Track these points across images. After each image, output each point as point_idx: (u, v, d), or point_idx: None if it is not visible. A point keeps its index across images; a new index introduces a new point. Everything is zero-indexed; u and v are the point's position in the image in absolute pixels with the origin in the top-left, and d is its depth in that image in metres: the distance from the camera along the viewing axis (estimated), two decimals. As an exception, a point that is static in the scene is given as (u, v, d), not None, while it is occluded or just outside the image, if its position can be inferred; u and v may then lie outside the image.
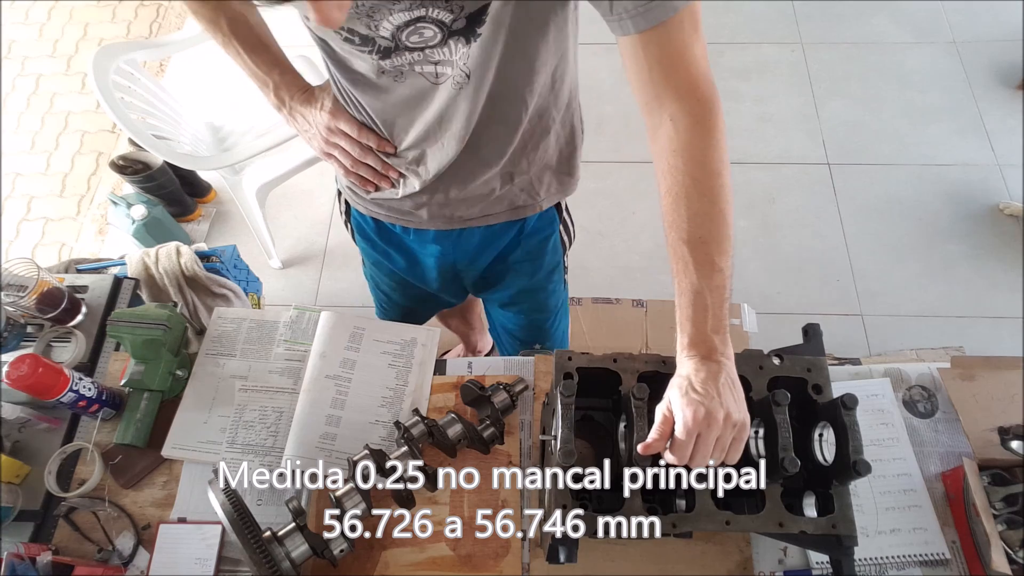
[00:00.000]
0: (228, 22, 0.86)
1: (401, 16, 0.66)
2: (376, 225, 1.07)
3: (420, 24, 0.67)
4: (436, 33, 0.69)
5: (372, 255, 1.15)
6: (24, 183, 2.56)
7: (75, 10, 3.04)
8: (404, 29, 0.68)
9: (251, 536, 0.74)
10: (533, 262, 1.11)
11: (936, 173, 2.41)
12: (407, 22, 0.67)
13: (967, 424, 0.97)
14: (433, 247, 1.06)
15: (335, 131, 0.90)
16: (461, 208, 0.97)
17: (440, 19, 0.66)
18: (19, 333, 1.08)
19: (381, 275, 1.21)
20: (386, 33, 0.69)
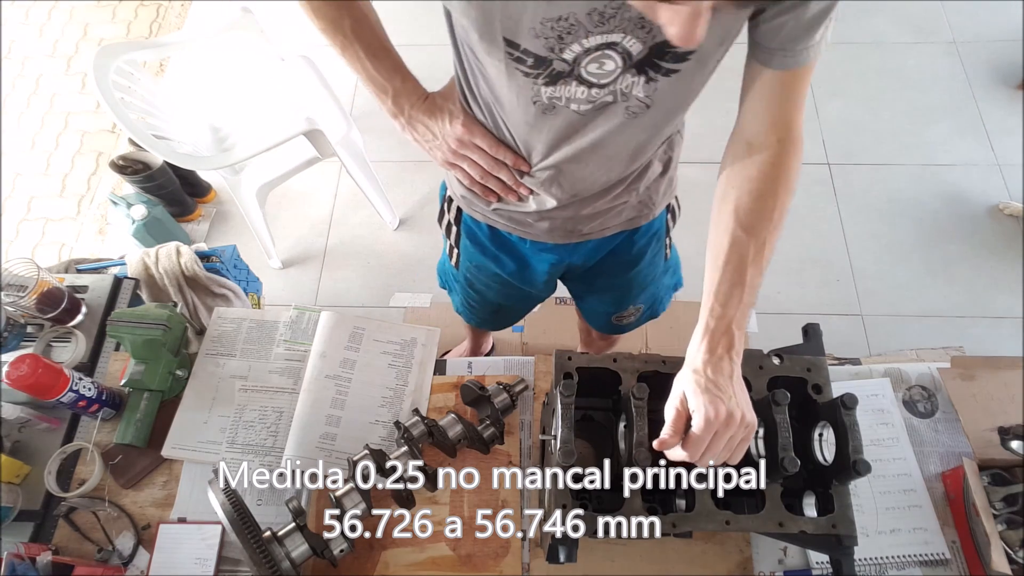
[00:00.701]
0: (352, 23, 0.81)
1: (595, 40, 0.64)
2: (491, 232, 1.05)
3: (608, 51, 0.65)
4: (616, 67, 0.67)
5: (478, 258, 1.11)
6: (24, 183, 2.56)
7: (75, 10, 3.04)
8: (589, 54, 0.65)
9: (251, 536, 0.74)
10: (641, 256, 1.11)
11: (936, 173, 2.41)
12: (598, 46, 0.64)
13: (967, 424, 0.97)
14: (549, 255, 1.05)
15: (468, 144, 0.85)
16: (583, 223, 0.97)
17: (629, 48, 0.65)
18: (19, 333, 1.08)
19: (482, 275, 1.16)
20: (569, 57, 0.66)
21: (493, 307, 1.28)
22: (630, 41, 0.64)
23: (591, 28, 0.62)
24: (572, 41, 0.64)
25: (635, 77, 0.69)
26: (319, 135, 1.79)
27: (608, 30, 0.62)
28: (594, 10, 0.60)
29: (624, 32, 0.63)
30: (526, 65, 0.67)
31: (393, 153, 2.47)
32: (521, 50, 0.66)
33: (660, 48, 0.66)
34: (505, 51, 0.66)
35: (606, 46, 0.65)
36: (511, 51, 0.66)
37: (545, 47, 0.65)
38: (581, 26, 0.62)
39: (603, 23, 0.61)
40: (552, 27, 0.62)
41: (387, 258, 2.29)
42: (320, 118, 1.81)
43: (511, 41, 0.65)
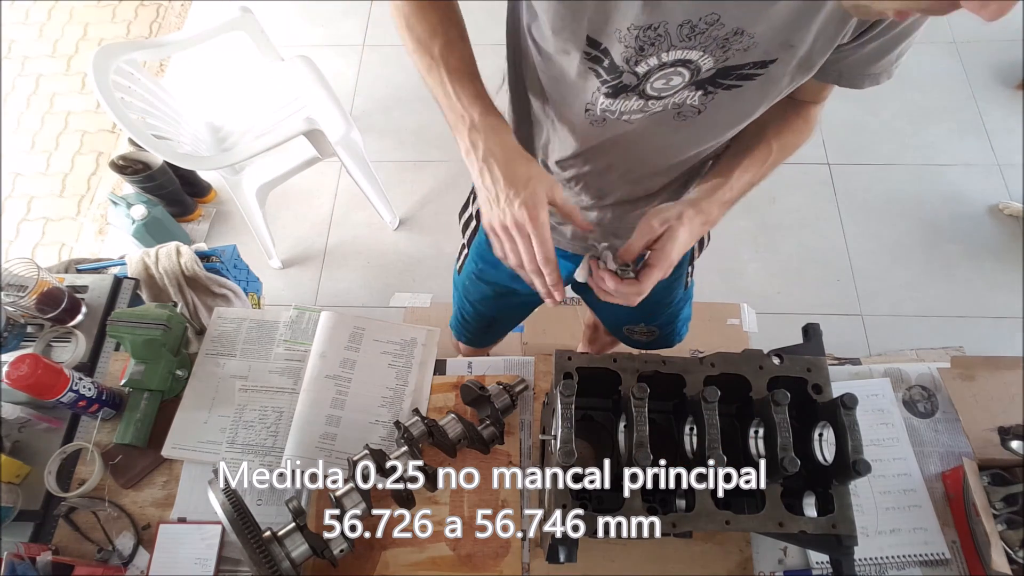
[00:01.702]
0: (443, 45, 0.74)
1: (674, 55, 0.62)
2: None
3: (680, 67, 0.64)
4: (682, 82, 0.66)
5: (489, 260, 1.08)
6: (24, 183, 2.56)
7: (75, 10, 3.04)
8: (663, 69, 0.64)
9: (251, 536, 0.74)
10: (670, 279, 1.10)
11: (936, 173, 2.42)
12: (674, 62, 0.64)
13: (967, 424, 0.97)
14: (565, 263, 1.04)
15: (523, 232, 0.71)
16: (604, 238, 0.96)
17: (701, 66, 0.64)
18: (19, 333, 1.08)
19: (480, 284, 1.14)
20: (641, 71, 0.64)
21: (486, 321, 1.27)
22: (706, 60, 0.63)
23: (676, 42, 0.61)
24: (651, 54, 0.62)
25: (694, 92, 0.69)
26: (319, 135, 1.79)
27: (691, 46, 0.62)
28: (687, 22, 0.59)
29: (704, 50, 0.62)
30: (601, 66, 0.65)
31: (393, 153, 2.47)
32: (601, 49, 0.64)
33: (727, 70, 0.65)
34: (584, 50, 0.64)
35: (681, 63, 0.64)
36: (590, 50, 0.64)
37: (622, 56, 0.63)
38: (667, 38, 0.61)
39: (691, 38, 0.61)
40: (638, 36, 0.60)
41: (387, 258, 2.29)
42: (320, 118, 1.81)
43: (594, 40, 0.63)
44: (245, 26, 1.91)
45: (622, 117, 0.72)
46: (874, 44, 0.66)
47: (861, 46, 0.66)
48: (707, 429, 0.73)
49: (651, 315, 1.23)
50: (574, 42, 0.64)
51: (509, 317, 1.31)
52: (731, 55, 0.63)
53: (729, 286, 2.19)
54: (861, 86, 0.73)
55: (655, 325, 1.26)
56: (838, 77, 0.72)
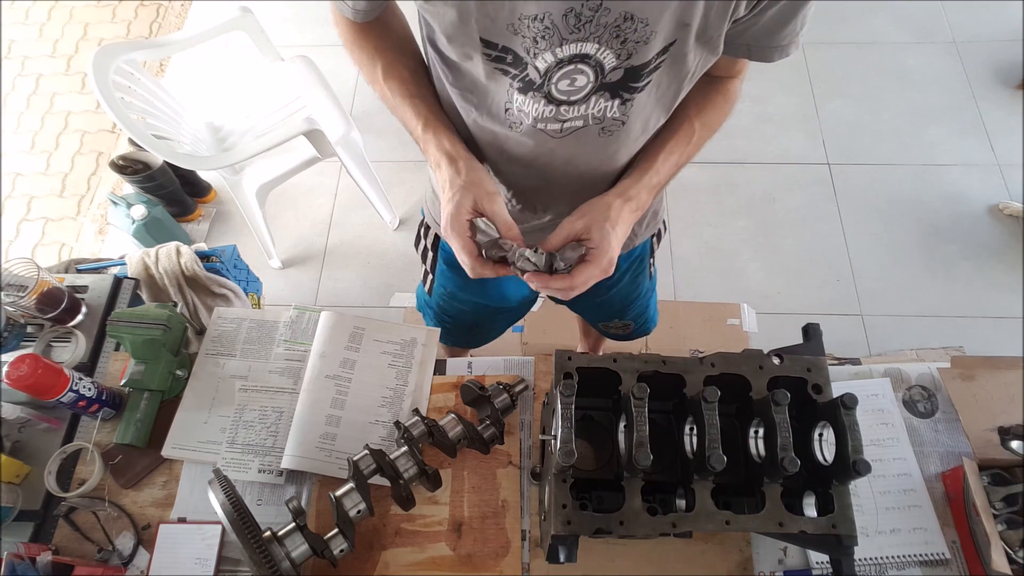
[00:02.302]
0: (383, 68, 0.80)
1: (569, 48, 0.63)
2: None
3: (580, 64, 0.65)
4: (588, 82, 0.67)
5: (455, 283, 1.12)
6: (24, 183, 2.56)
7: (75, 10, 3.04)
8: (561, 67, 0.65)
9: (251, 536, 0.74)
10: (620, 279, 1.13)
11: (936, 173, 2.42)
12: (571, 57, 0.64)
13: (967, 424, 0.97)
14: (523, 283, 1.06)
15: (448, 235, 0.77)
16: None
17: (602, 61, 0.64)
18: (19, 333, 1.08)
19: (455, 302, 1.17)
20: (541, 66, 0.65)
21: (468, 327, 1.29)
22: (604, 53, 0.63)
23: (566, 34, 0.61)
24: (546, 48, 0.63)
25: (608, 101, 0.69)
26: (319, 135, 1.79)
27: (583, 37, 0.62)
28: (571, 11, 0.59)
29: (599, 42, 0.62)
30: (505, 63, 0.66)
31: (393, 153, 2.47)
32: (500, 48, 0.65)
33: (636, 71, 0.65)
34: (483, 52, 0.65)
35: (579, 58, 0.64)
36: (488, 51, 0.65)
37: (522, 46, 0.64)
38: (556, 30, 0.61)
39: (579, 28, 0.61)
40: (528, 25, 0.61)
41: (387, 258, 2.29)
42: (320, 118, 1.81)
43: (488, 41, 0.64)
44: (245, 26, 1.91)
45: (537, 125, 0.72)
46: (772, 12, 0.66)
47: (759, 15, 0.66)
48: (707, 429, 0.73)
49: (623, 310, 1.27)
50: (471, 46, 0.65)
51: (490, 325, 1.33)
52: (632, 49, 0.63)
53: (729, 286, 2.19)
54: (772, 59, 0.73)
55: (628, 319, 1.30)
56: (747, 51, 0.72)
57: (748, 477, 0.80)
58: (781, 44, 0.70)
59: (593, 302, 1.23)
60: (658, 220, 1.09)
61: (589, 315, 1.33)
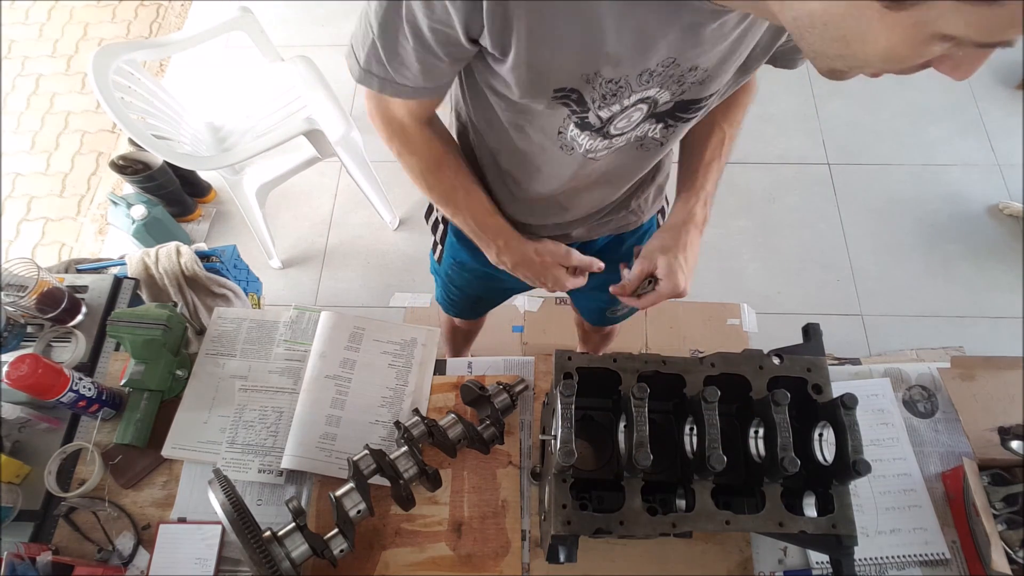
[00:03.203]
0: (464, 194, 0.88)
1: (635, 97, 0.65)
2: None
3: (640, 105, 0.66)
4: (642, 116, 0.69)
5: (463, 254, 1.12)
6: (24, 183, 2.56)
7: (75, 10, 3.04)
8: (624, 112, 0.67)
9: (251, 536, 0.74)
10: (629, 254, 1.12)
11: (936, 173, 2.42)
12: (636, 102, 0.66)
13: (967, 424, 0.97)
14: None
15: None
16: (571, 229, 1.00)
17: (657, 99, 0.67)
18: (19, 333, 1.08)
19: (464, 272, 1.18)
20: (604, 115, 0.67)
21: (472, 299, 1.32)
22: (663, 94, 0.66)
23: (636, 88, 0.63)
24: (615, 102, 0.65)
25: (654, 124, 0.72)
26: (319, 135, 1.79)
27: (650, 87, 0.64)
28: (646, 71, 0.61)
29: (660, 87, 0.65)
30: (570, 99, 0.66)
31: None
32: (568, 90, 0.64)
33: (685, 104, 0.68)
34: (551, 97, 0.65)
35: (641, 100, 0.66)
36: (557, 94, 0.65)
37: (590, 96, 0.65)
38: (628, 86, 0.63)
39: (649, 82, 0.63)
40: (603, 84, 0.62)
41: (387, 258, 2.29)
42: (320, 118, 1.81)
43: (559, 89, 0.64)
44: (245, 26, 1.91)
45: (588, 154, 0.75)
46: None
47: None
48: (707, 429, 0.73)
49: None
50: (544, 95, 0.65)
51: (493, 295, 1.35)
52: (687, 88, 0.66)
53: (729, 286, 2.19)
54: (795, 66, 0.79)
55: None
56: (773, 61, 0.75)
57: (748, 477, 0.80)
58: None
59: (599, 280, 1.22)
60: (662, 196, 1.11)
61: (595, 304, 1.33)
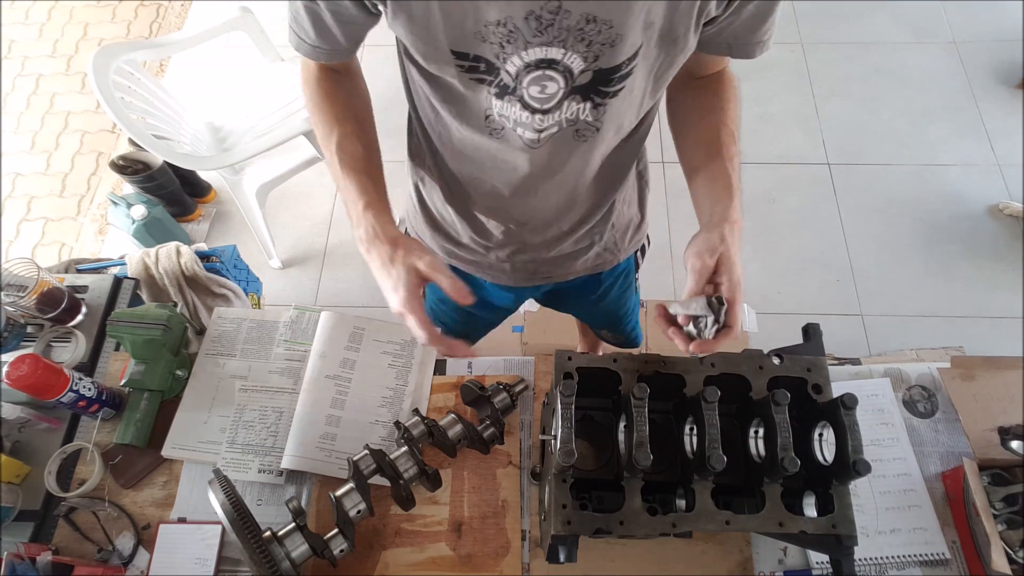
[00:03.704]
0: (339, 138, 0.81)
1: (534, 52, 0.62)
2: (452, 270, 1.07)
3: (548, 71, 0.64)
4: (559, 88, 0.66)
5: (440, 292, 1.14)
6: (24, 183, 2.56)
7: (75, 10, 3.04)
8: (530, 71, 0.65)
9: (251, 536, 0.74)
10: (607, 294, 1.14)
11: (936, 173, 2.42)
12: (538, 62, 0.64)
13: (967, 424, 0.97)
14: (509, 294, 1.08)
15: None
16: (545, 267, 0.99)
17: (570, 67, 0.64)
18: (19, 333, 1.08)
19: (446, 307, 1.19)
20: (512, 69, 0.65)
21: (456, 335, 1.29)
22: (571, 58, 0.63)
23: (529, 38, 0.61)
24: (513, 52, 0.63)
25: (580, 104, 0.69)
26: (319, 135, 1.79)
27: (546, 41, 0.62)
28: (531, 13, 0.59)
29: (564, 47, 0.62)
30: (479, 72, 0.66)
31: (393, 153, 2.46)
32: (471, 58, 0.65)
33: (605, 74, 0.65)
34: (455, 64, 0.66)
35: (546, 64, 0.64)
36: (461, 62, 0.66)
37: (491, 52, 0.64)
38: (520, 33, 0.61)
39: (541, 31, 0.61)
40: (493, 31, 0.61)
41: (387, 258, 2.29)
42: (320, 118, 1.81)
43: (458, 52, 0.64)
44: (245, 26, 1.91)
45: (517, 129, 0.72)
46: (749, 10, 0.67)
47: (735, 14, 0.67)
48: (707, 429, 0.73)
49: (612, 325, 1.30)
50: (443, 59, 0.66)
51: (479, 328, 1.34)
52: (599, 51, 0.62)
53: (729, 286, 2.19)
54: (753, 55, 0.74)
55: (618, 334, 1.33)
56: (728, 49, 0.73)
57: (748, 477, 0.80)
58: (762, 40, 0.72)
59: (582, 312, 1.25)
60: (642, 234, 1.09)
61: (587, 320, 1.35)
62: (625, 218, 0.99)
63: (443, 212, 0.94)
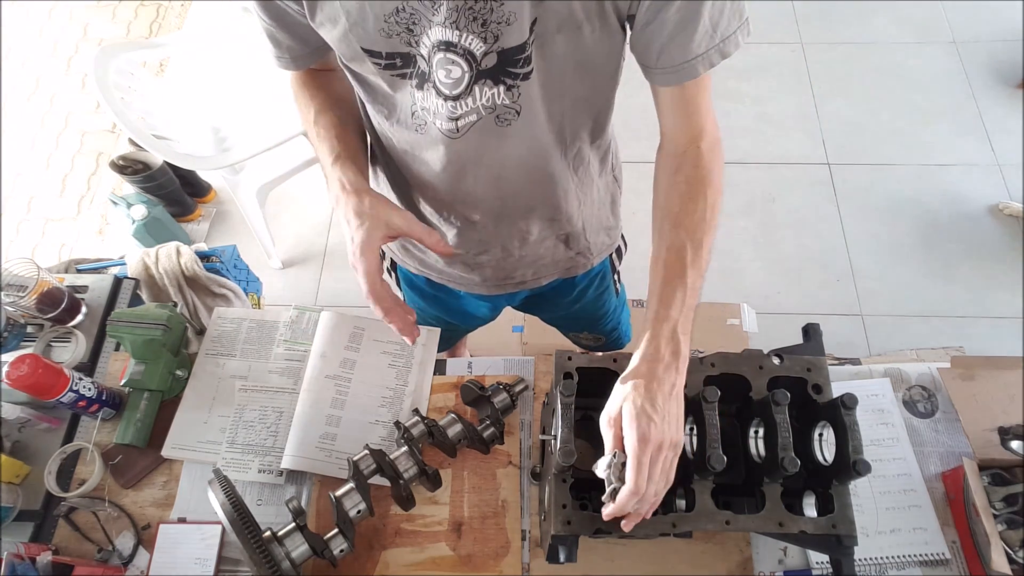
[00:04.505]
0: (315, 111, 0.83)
1: (436, 33, 0.63)
2: (427, 281, 1.08)
3: (449, 54, 0.64)
4: (464, 73, 0.65)
5: (419, 302, 1.14)
6: (24, 183, 2.56)
7: (75, 10, 3.04)
8: (437, 53, 0.64)
9: (251, 536, 0.74)
10: (583, 296, 1.14)
11: (936, 173, 2.42)
12: (439, 43, 0.63)
13: (967, 424, 0.97)
14: (485, 303, 1.09)
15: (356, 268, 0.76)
16: (515, 272, 0.99)
17: (471, 49, 0.63)
18: (19, 333, 1.08)
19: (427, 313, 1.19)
20: (424, 51, 0.65)
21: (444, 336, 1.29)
22: (469, 40, 0.62)
23: (430, 16, 0.62)
24: (421, 32, 0.63)
25: (493, 88, 0.68)
26: (319, 135, 1.79)
27: (441, 21, 0.61)
28: None
29: (458, 28, 0.61)
30: (397, 68, 0.67)
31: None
32: (384, 55, 0.66)
33: (510, 54, 0.64)
34: (372, 62, 0.67)
35: (445, 46, 0.63)
36: (377, 61, 0.66)
37: (402, 42, 0.64)
38: (421, 15, 0.62)
39: (436, 10, 0.61)
40: (396, 21, 0.62)
41: (387, 258, 2.29)
42: (320, 118, 1.81)
43: (369, 50, 0.66)
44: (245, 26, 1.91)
45: (436, 122, 0.71)
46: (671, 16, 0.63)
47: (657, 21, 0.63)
48: (707, 429, 0.73)
49: (591, 325, 1.29)
50: (358, 59, 0.68)
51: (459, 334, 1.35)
52: (497, 31, 0.62)
53: (729, 286, 2.19)
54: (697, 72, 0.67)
55: (599, 333, 1.32)
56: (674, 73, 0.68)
57: (748, 477, 0.80)
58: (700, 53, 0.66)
59: (557, 315, 1.25)
60: (613, 239, 1.08)
61: (558, 325, 1.34)
62: (595, 221, 0.98)
63: None
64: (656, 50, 0.67)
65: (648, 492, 0.64)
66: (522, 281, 1.02)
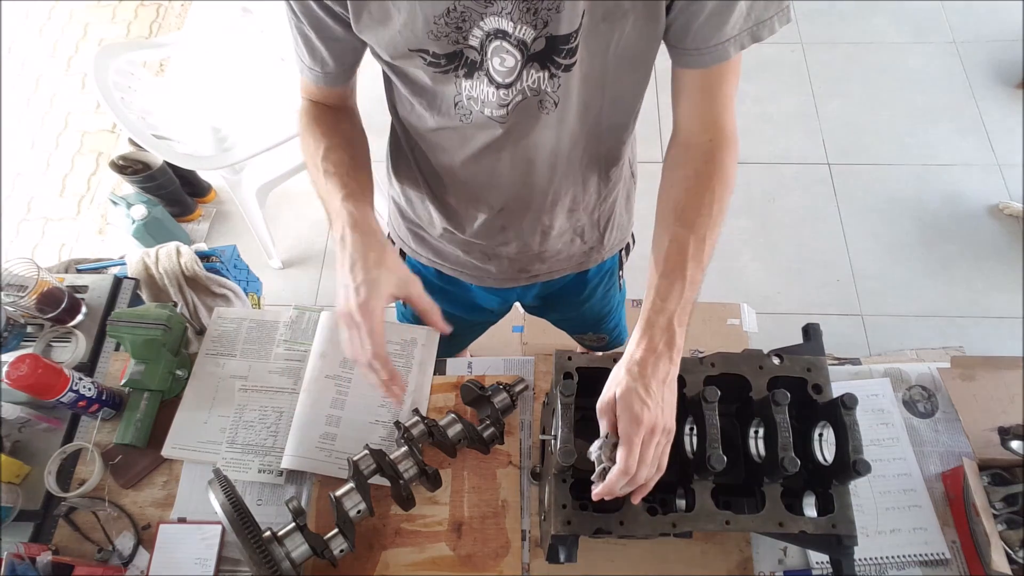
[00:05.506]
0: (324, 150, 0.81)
1: (490, 23, 0.63)
2: (437, 273, 1.08)
3: (503, 43, 0.65)
4: (516, 61, 0.66)
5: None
6: (24, 183, 2.56)
7: (75, 10, 3.04)
8: (491, 40, 0.65)
9: (251, 536, 0.74)
10: (592, 294, 1.14)
11: (936, 173, 2.42)
12: (494, 32, 0.64)
13: (967, 424, 0.97)
14: (495, 297, 1.09)
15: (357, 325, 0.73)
16: (530, 265, 0.99)
17: (523, 38, 0.64)
18: (19, 333, 1.08)
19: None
20: (475, 43, 0.65)
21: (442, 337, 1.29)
22: (522, 30, 0.63)
23: (481, 10, 0.62)
24: (471, 26, 0.64)
25: (539, 72, 0.68)
26: (319, 135, 1.79)
27: (496, 12, 0.62)
28: None
29: (512, 20, 0.62)
30: (442, 66, 0.68)
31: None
32: (431, 54, 0.67)
33: (557, 42, 0.65)
34: (419, 58, 0.68)
35: (499, 35, 0.64)
36: (424, 57, 0.67)
37: (450, 43, 0.65)
38: (471, 11, 0.62)
39: (490, 2, 0.62)
40: (446, 22, 0.63)
41: (387, 258, 2.29)
42: (320, 118, 1.81)
43: (418, 49, 0.66)
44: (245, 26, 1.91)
45: (485, 110, 0.72)
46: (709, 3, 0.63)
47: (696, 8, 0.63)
48: (707, 429, 0.73)
49: (596, 324, 1.29)
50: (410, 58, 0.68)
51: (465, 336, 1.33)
52: (547, 18, 0.62)
53: (729, 286, 2.19)
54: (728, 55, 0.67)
55: (603, 333, 1.32)
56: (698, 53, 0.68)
57: (748, 477, 0.80)
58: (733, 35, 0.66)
59: (567, 315, 1.25)
60: (626, 234, 1.09)
61: (563, 327, 1.35)
62: (611, 215, 1.00)
63: (422, 213, 0.96)
64: (690, 29, 0.66)
65: (639, 474, 0.65)
66: (536, 275, 1.02)
